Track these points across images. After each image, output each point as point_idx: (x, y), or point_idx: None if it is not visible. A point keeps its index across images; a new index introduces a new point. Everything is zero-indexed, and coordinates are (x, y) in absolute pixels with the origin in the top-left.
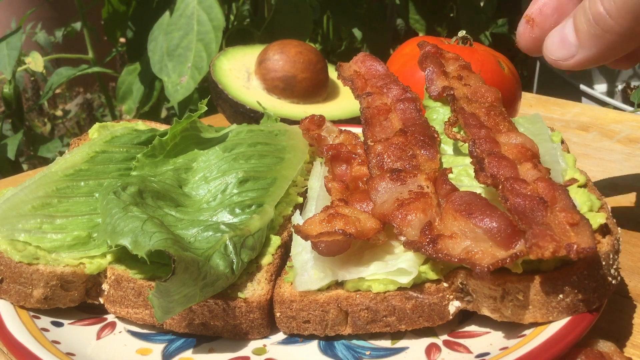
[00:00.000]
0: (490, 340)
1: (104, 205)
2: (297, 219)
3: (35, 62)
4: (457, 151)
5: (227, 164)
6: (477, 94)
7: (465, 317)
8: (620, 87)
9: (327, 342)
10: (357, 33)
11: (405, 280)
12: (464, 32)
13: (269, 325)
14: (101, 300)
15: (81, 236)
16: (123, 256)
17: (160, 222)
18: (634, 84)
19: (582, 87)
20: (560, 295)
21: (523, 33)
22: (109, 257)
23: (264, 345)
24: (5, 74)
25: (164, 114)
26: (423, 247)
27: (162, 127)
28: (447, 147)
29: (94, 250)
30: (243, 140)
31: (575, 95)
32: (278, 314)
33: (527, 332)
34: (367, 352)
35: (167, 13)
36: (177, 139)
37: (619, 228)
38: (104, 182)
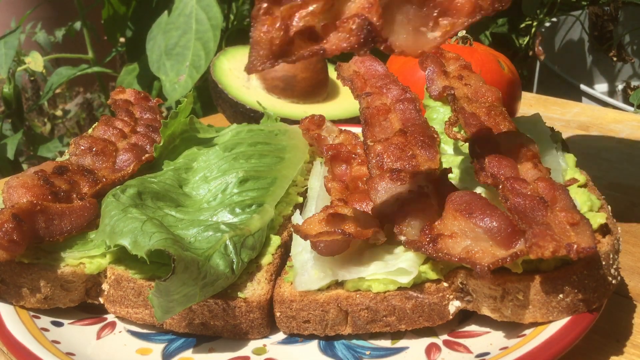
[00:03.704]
0: (490, 340)
1: (103, 208)
2: (297, 219)
3: (35, 62)
4: (457, 151)
5: (227, 164)
6: (478, 93)
7: (465, 317)
8: (620, 87)
9: (327, 341)
10: None
11: (405, 280)
12: (464, 32)
13: (269, 325)
14: (101, 300)
15: (81, 236)
16: (123, 256)
17: (159, 223)
18: (634, 83)
19: (582, 87)
20: (560, 295)
21: None
22: (108, 257)
23: (264, 345)
24: (1, 72)
25: (163, 113)
26: (423, 247)
27: None
28: (447, 147)
29: (94, 250)
30: (243, 140)
31: (575, 95)
32: (278, 314)
33: (527, 331)
34: (367, 352)
35: (165, 12)
36: (176, 142)
37: (619, 228)
38: None
